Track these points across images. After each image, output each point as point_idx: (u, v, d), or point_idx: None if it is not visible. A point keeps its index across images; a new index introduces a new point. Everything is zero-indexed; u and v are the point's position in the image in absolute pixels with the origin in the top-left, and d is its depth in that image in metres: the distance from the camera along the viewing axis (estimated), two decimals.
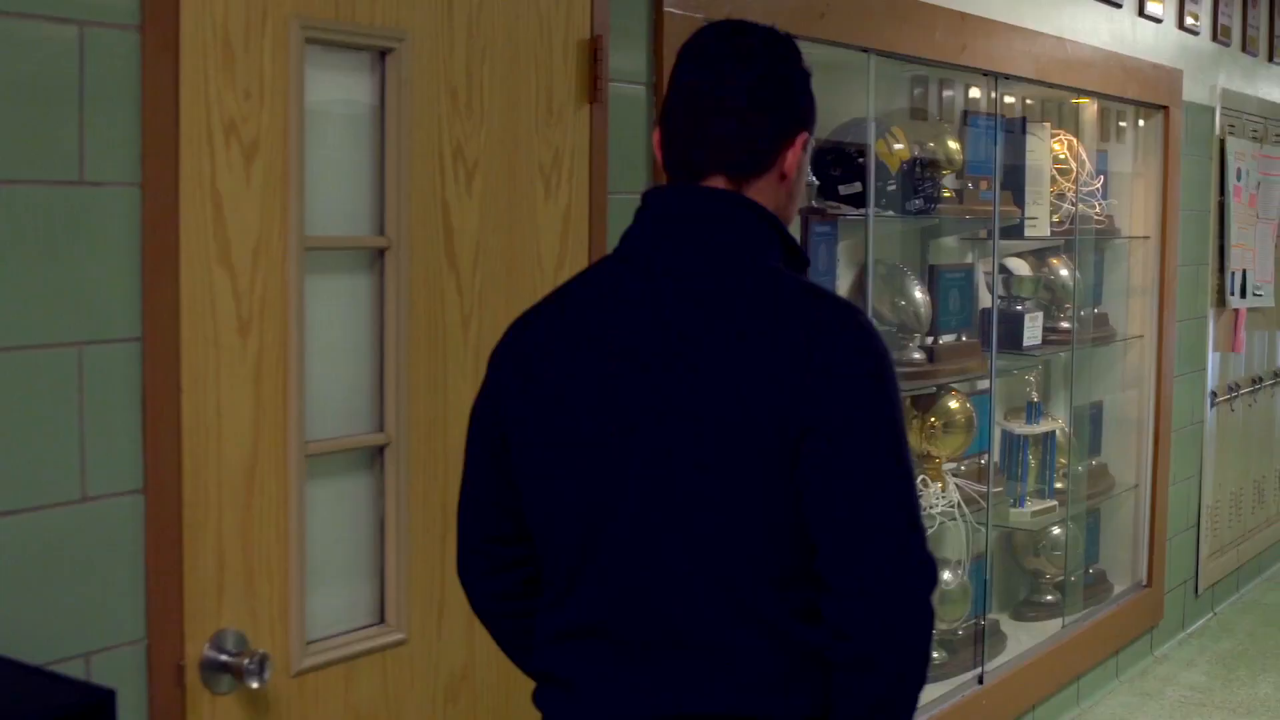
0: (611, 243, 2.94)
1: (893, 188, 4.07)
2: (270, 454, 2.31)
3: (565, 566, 1.75)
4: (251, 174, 2.26)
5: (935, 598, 1.67)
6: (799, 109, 1.76)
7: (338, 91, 2.44)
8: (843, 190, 4.02)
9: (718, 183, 1.72)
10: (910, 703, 1.65)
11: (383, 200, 2.50)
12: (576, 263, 2.83)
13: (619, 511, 1.68)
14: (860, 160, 4.00)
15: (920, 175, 4.18)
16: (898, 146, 4.12)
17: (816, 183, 3.87)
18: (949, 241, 4.82)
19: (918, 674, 1.64)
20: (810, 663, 1.66)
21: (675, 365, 1.64)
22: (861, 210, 3.99)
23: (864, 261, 4.00)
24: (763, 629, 1.64)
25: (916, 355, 4.29)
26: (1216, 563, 6.25)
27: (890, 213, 4.11)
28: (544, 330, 1.79)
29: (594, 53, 2.84)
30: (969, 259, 4.86)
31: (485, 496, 1.86)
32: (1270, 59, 6.72)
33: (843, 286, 4.04)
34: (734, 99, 1.70)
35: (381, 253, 2.50)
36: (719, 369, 1.62)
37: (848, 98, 3.99)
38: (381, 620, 2.54)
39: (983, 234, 4.81)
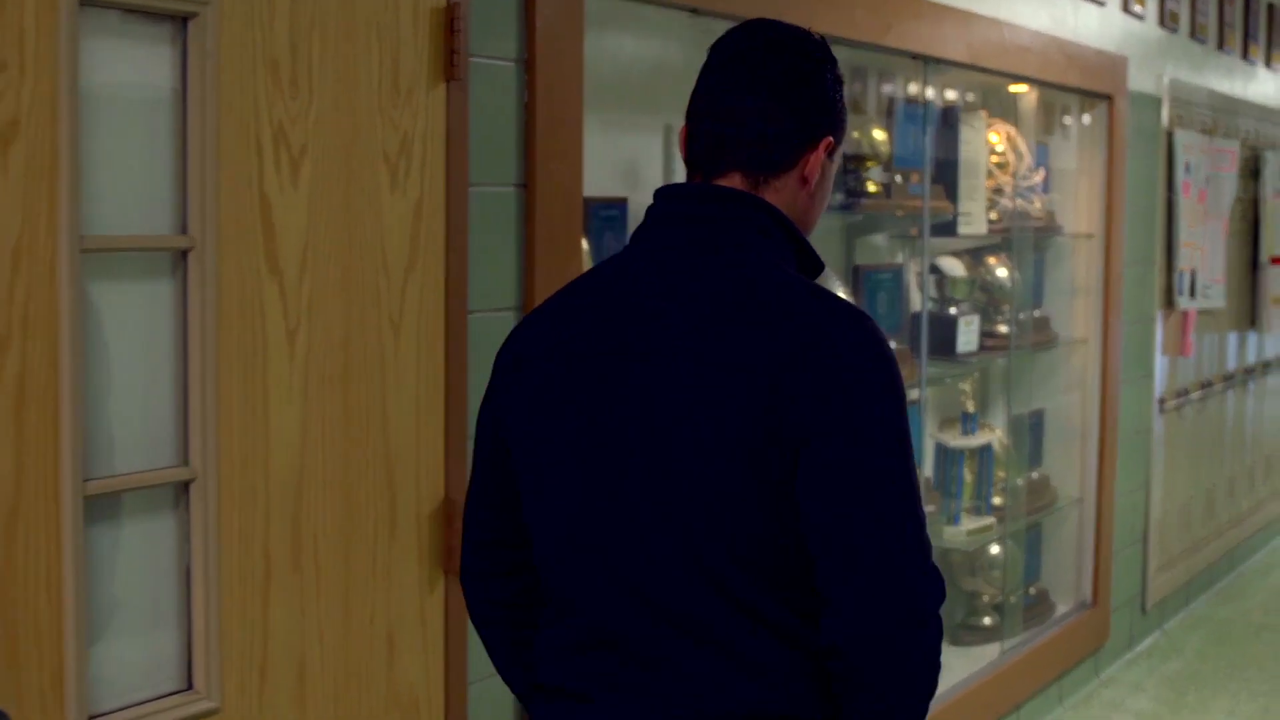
0: (476, 240, 2.59)
1: None
2: (36, 495, 1.93)
3: (568, 575, 1.71)
4: (9, 162, 1.89)
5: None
6: (826, 112, 1.72)
7: (128, 66, 2.06)
8: None
9: (734, 181, 1.69)
10: (919, 715, 1.61)
11: (185, 193, 2.12)
12: (430, 264, 2.46)
13: (619, 518, 1.64)
14: None
15: (841, 167, 3.83)
16: None
17: None
18: (876, 240, 4.48)
19: (926, 688, 1.60)
20: (818, 665, 1.63)
21: (676, 368, 1.61)
22: None
23: None
24: (769, 629, 1.61)
25: None
26: (1165, 577, 5.94)
27: None
28: (543, 330, 1.75)
29: (450, 23, 2.47)
30: (898, 258, 4.53)
31: (487, 500, 1.83)
32: (1220, 47, 6.42)
33: None
34: (756, 95, 1.68)
35: (184, 254, 2.12)
36: (719, 373, 1.58)
37: None
38: (189, 686, 2.17)
39: (913, 231, 4.48)
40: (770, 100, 1.68)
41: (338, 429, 2.33)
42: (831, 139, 1.72)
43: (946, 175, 4.44)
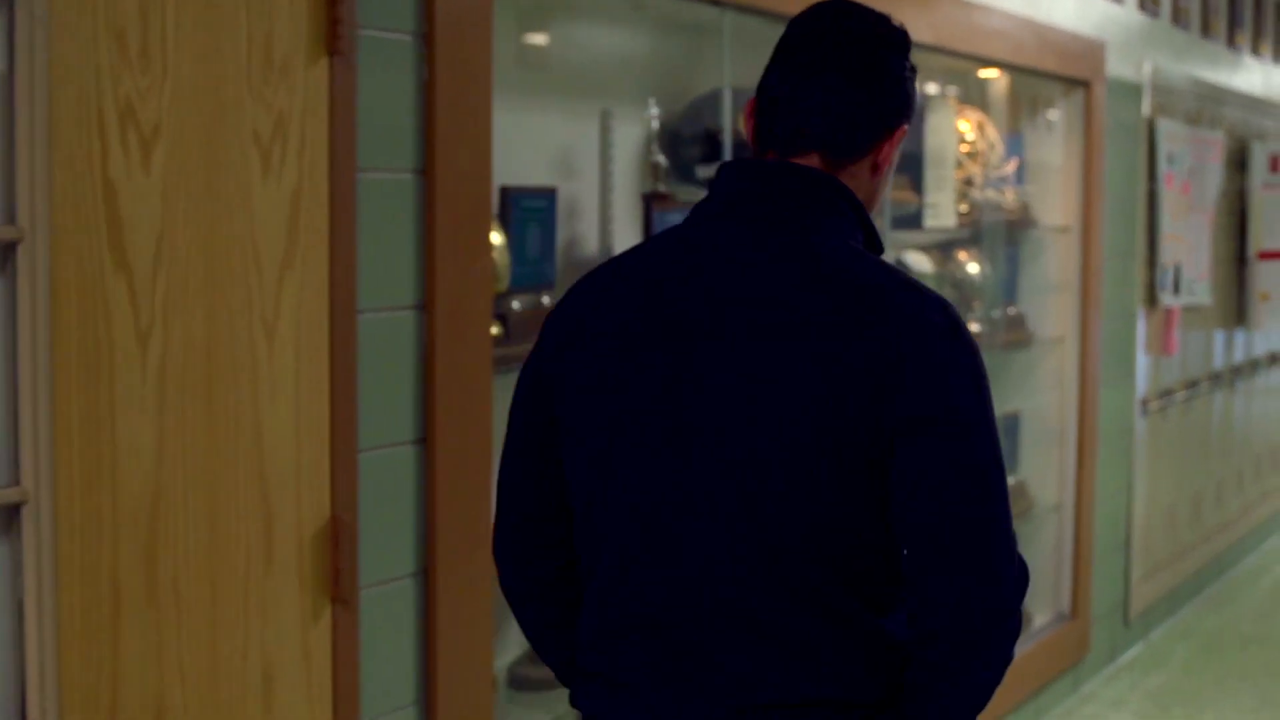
0: (368, 231, 2.33)
1: None
2: None
3: (616, 555, 1.67)
4: None
5: None
6: (902, 101, 1.71)
7: None
8: (700, 173, 3.43)
9: (813, 161, 1.67)
10: (985, 701, 1.65)
11: (13, 178, 1.87)
12: (311, 258, 2.22)
13: (684, 500, 1.61)
14: (720, 138, 3.40)
15: None
16: None
17: (664, 163, 3.26)
18: None
19: (1001, 674, 1.64)
20: (879, 648, 1.62)
21: (754, 349, 1.58)
22: None
23: None
24: (831, 618, 1.60)
25: None
26: (1149, 586, 5.69)
27: None
28: (601, 305, 1.69)
29: None
30: None
31: (526, 472, 1.76)
32: (1205, 33, 6.18)
33: None
34: (843, 80, 1.66)
35: (12, 246, 1.87)
36: (801, 356, 1.56)
37: (711, 64, 3.39)
38: None
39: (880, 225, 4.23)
40: (855, 87, 1.67)
41: (200, 444, 2.08)
42: (906, 127, 1.73)
43: (911, 165, 4.20)
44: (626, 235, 3.30)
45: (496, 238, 2.76)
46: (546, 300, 3.06)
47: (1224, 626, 5.96)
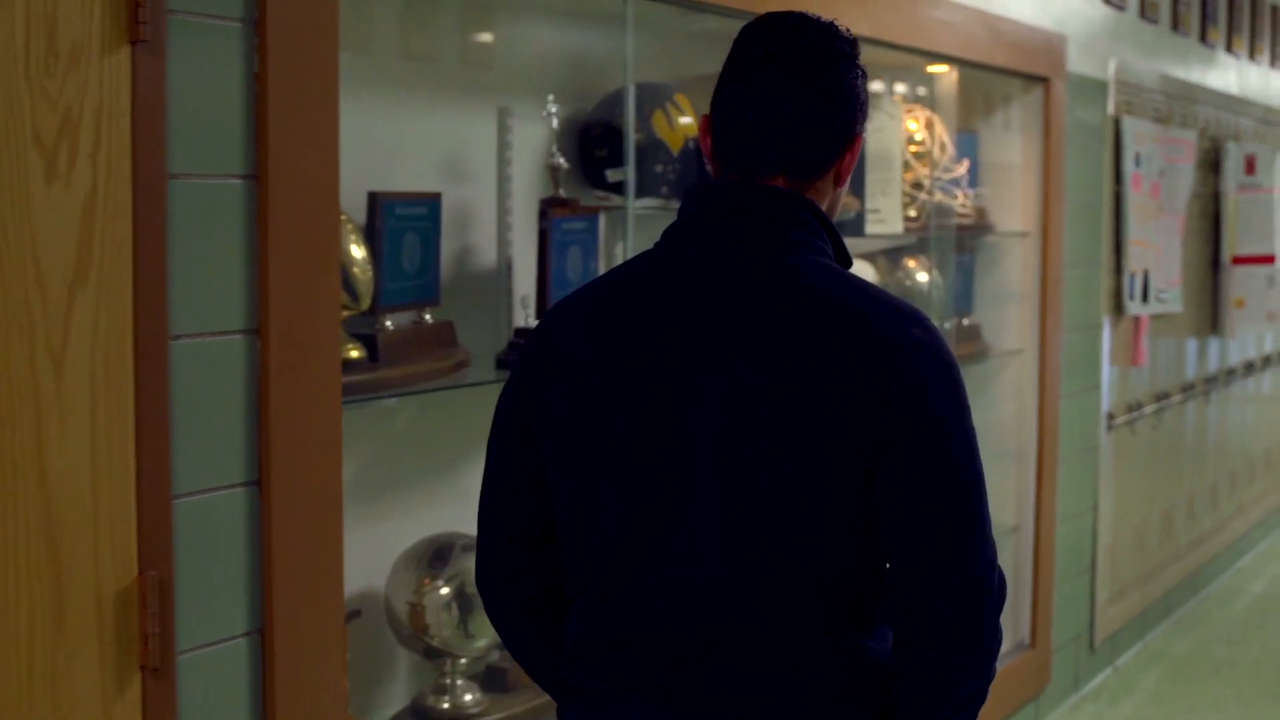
0: (183, 246, 2.01)
1: (673, 172, 3.18)
2: None
3: (602, 573, 1.70)
4: None
5: None
6: (858, 110, 1.74)
7: None
8: (611, 176, 3.14)
9: (779, 182, 1.70)
10: (976, 710, 1.70)
11: None
12: (110, 277, 1.92)
13: (671, 519, 1.64)
14: (636, 139, 3.12)
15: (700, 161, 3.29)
16: (683, 120, 3.23)
17: (564, 165, 2.97)
18: None
19: (984, 685, 1.68)
20: (866, 669, 1.67)
21: (735, 372, 1.62)
22: (654, 204, 3.15)
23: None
24: (819, 639, 1.65)
25: None
26: (1116, 609, 5.41)
27: (676, 204, 3.22)
28: (582, 321, 1.73)
29: None
30: None
31: (510, 496, 1.79)
32: (1175, 28, 5.90)
33: None
34: (801, 98, 1.68)
35: None
36: (783, 378, 1.60)
37: (622, 58, 3.11)
38: None
39: None
40: (814, 106, 1.69)
41: None
42: (861, 135, 1.74)
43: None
44: (527, 245, 3.01)
45: (357, 250, 2.47)
46: (429, 318, 2.76)
47: (1196, 651, 5.68)
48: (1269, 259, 6.51)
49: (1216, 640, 5.83)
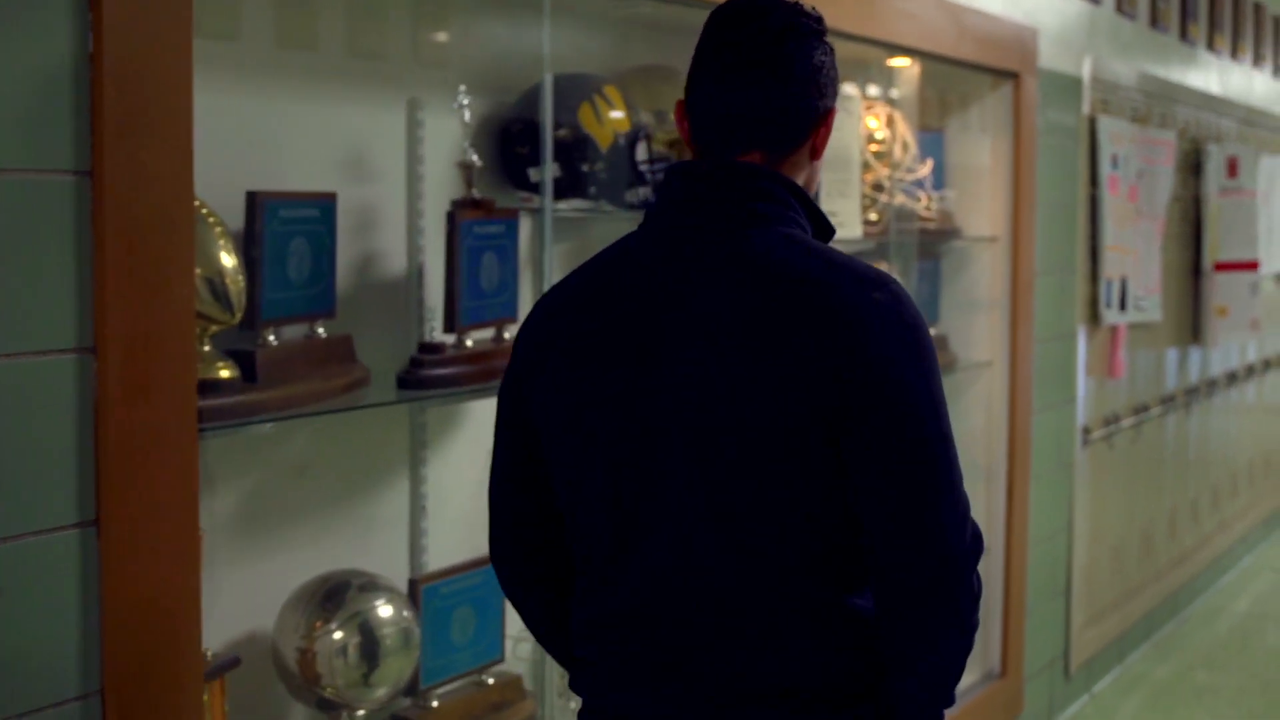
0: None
1: (603, 171, 2.91)
2: None
3: (599, 553, 1.77)
4: None
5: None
6: (828, 85, 1.78)
7: None
8: (533, 175, 2.87)
9: (754, 159, 1.74)
10: (961, 669, 1.72)
11: None
12: None
13: (653, 500, 1.69)
14: (560, 135, 2.86)
15: (652, 156, 3.02)
16: (614, 115, 2.96)
17: (477, 163, 2.70)
18: None
19: (966, 642, 1.69)
20: (856, 629, 1.70)
21: (708, 350, 1.65)
22: (583, 206, 2.89)
23: (544, 276, 2.84)
24: (805, 605, 1.68)
25: None
26: (1093, 633, 5.15)
27: (609, 207, 2.95)
28: (566, 309, 1.78)
29: None
30: None
31: (513, 479, 1.86)
32: (1154, 24, 5.65)
33: (524, 309, 2.86)
34: (772, 75, 1.73)
35: None
36: (753, 353, 1.63)
37: (555, 46, 2.84)
38: None
39: None
40: (784, 83, 1.73)
41: None
42: (834, 108, 1.79)
43: None
44: (441, 250, 2.73)
45: (227, 257, 2.19)
46: (322, 332, 2.49)
47: (1176, 676, 5.43)
48: (1252, 265, 6.26)
49: (1198, 664, 5.58)
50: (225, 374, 2.19)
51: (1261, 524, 7.46)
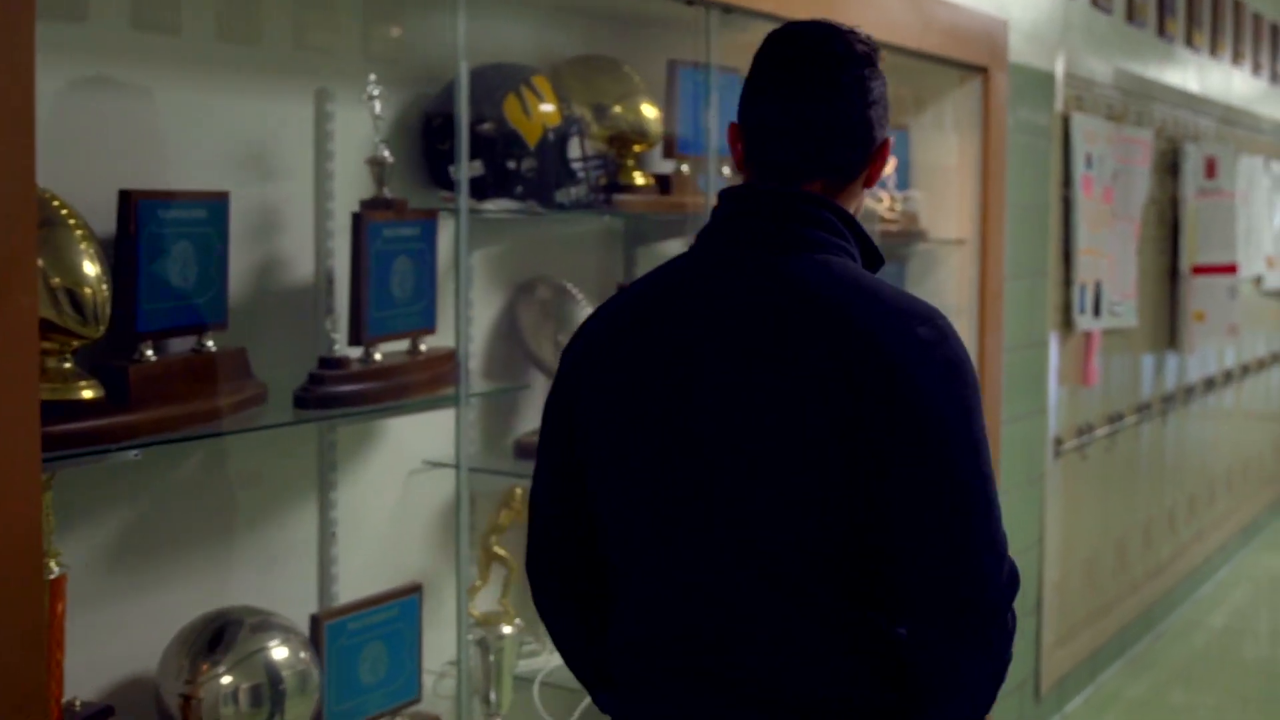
0: None
1: (530, 169, 2.69)
2: None
3: (637, 571, 1.78)
4: None
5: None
6: (885, 115, 1.79)
7: None
8: (455, 173, 2.64)
9: (815, 187, 1.75)
10: (991, 702, 1.72)
11: None
12: None
13: (691, 519, 1.70)
14: (483, 130, 2.64)
15: (587, 153, 2.80)
16: (544, 108, 2.74)
17: (389, 160, 2.48)
18: (670, 249, 3.45)
19: (999, 673, 1.69)
20: (890, 653, 1.70)
21: (751, 375, 1.66)
22: (510, 206, 2.70)
23: (459, 280, 2.62)
24: (835, 625, 1.68)
25: None
26: (1064, 651, 4.95)
27: (539, 208, 2.73)
28: (612, 327, 1.80)
29: None
30: None
31: (555, 496, 1.87)
32: (1130, 19, 5.45)
33: (444, 320, 2.64)
34: (834, 108, 1.73)
35: None
36: (795, 379, 1.63)
37: (482, 34, 2.62)
38: None
39: None
40: (848, 111, 1.73)
41: None
42: (889, 139, 1.79)
43: None
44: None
45: (89, 265, 1.96)
46: (211, 345, 2.26)
47: (1151, 695, 5.23)
48: (1230, 269, 6.07)
49: (1173, 682, 5.39)
50: (88, 395, 1.96)
51: (1240, 532, 7.27)
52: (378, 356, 2.44)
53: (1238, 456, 7.21)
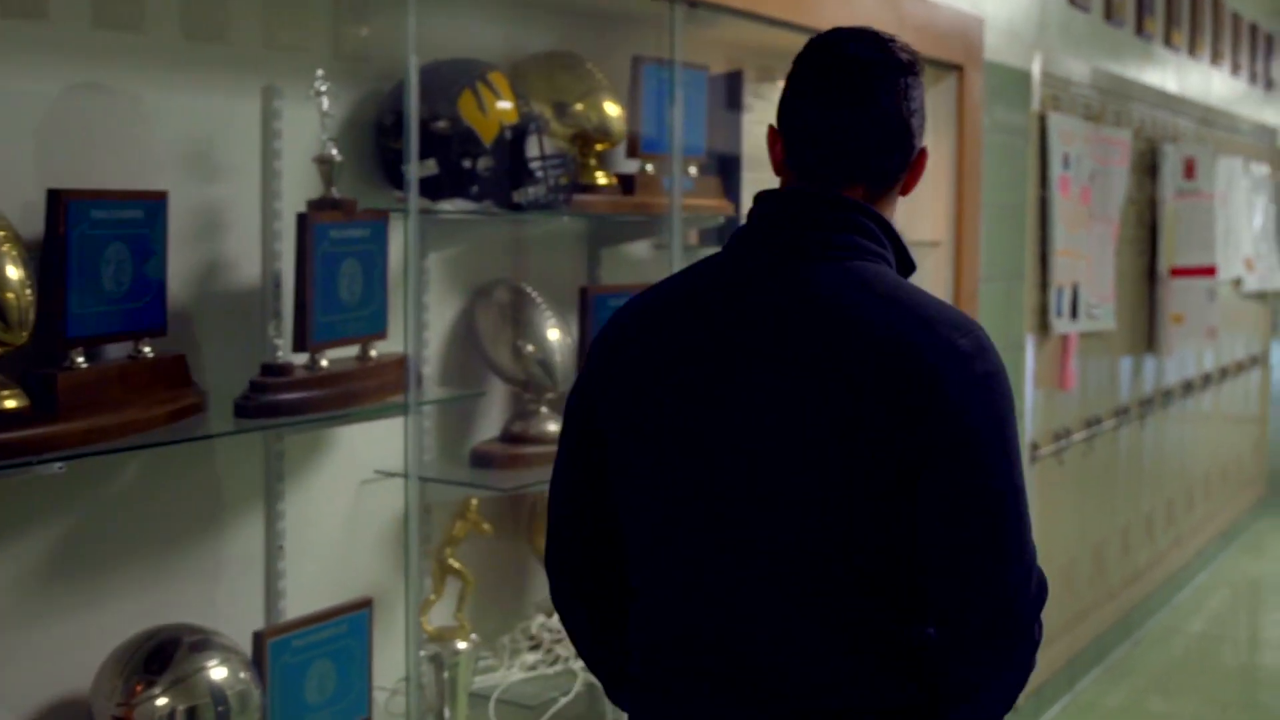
0: None
1: (487, 168, 2.59)
2: None
3: (659, 572, 1.77)
4: None
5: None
6: (924, 123, 1.79)
7: None
8: (408, 172, 2.55)
9: (857, 193, 1.74)
10: (1012, 703, 1.74)
11: None
12: None
13: (717, 521, 1.69)
14: (437, 127, 2.55)
15: (545, 152, 2.71)
16: (501, 105, 2.65)
17: (336, 158, 2.38)
18: (636, 251, 3.37)
19: (1021, 681, 1.72)
20: (914, 657, 1.70)
21: (784, 376, 1.65)
22: (465, 206, 2.62)
23: (408, 283, 2.53)
24: (859, 630, 1.68)
25: (551, 427, 2.86)
26: (1041, 659, 4.77)
27: (495, 208, 2.64)
28: (640, 326, 1.79)
29: None
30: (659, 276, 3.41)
31: (576, 492, 1.86)
32: (1108, 18, 5.38)
33: (395, 328, 2.55)
34: (877, 114, 1.73)
35: None
36: (827, 383, 1.63)
37: (439, 31, 2.53)
38: None
39: (693, 239, 3.40)
40: (889, 118, 1.73)
41: None
42: (926, 148, 1.79)
43: (726, 164, 3.36)
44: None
45: (13, 270, 1.87)
46: (148, 351, 2.16)
47: (1129, 703, 5.16)
48: (1209, 271, 6.01)
49: (1152, 689, 5.32)
50: (11, 404, 1.87)
51: (1219, 537, 7.21)
52: (324, 363, 2.35)
53: (1216, 461, 7.15)
